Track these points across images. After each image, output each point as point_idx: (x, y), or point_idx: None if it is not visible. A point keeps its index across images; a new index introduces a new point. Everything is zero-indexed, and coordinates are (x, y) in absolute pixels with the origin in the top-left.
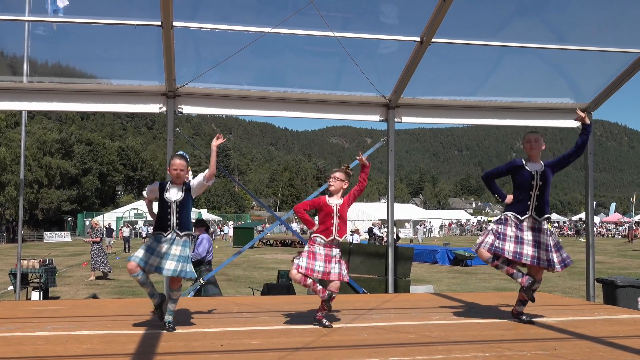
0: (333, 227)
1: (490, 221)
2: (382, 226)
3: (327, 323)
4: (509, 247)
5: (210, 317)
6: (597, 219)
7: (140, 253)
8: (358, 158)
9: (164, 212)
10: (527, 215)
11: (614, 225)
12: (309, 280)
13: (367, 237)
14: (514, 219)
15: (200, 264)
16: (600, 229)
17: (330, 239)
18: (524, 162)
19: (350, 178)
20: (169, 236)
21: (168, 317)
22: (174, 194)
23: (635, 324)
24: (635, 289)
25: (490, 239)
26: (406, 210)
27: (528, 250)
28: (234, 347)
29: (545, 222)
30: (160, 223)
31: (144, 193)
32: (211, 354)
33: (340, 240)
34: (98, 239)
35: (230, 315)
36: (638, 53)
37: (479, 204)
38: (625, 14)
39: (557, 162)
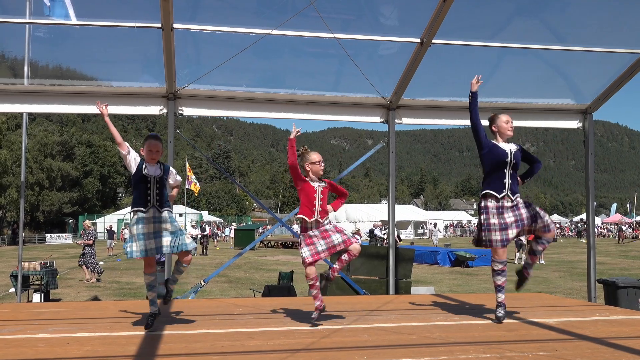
0: (316, 207)
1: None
2: (383, 227)
3: (315, 315)
4: (496, 236)
5: (210, 319)
6: (598, 220)
7: (136, 246)
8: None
9: (143, 188)
10: (504, 194)
11: (614, 226)
12: (318, 283)
13: (368, 238)
14: (495, 204)
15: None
16: (602, 230)
17: (312, 219)
18: (496, 142)
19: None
20: (150, 213)
21: (170, 287)
22: (152, 171)
23: (636, 324)
24: (637, 290)
25: (502, 234)
26: (407, 212)
27: (513, 232)
28: (234, 349)
29: (519, 199)
30: (140, 199)
31: (127, 148)
32: (212, 356)
33: (322, 221)
34: (91, 242)
35: (231, 317)
36: (638, 53)
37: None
38: (625, 15)
39: (526, 154)
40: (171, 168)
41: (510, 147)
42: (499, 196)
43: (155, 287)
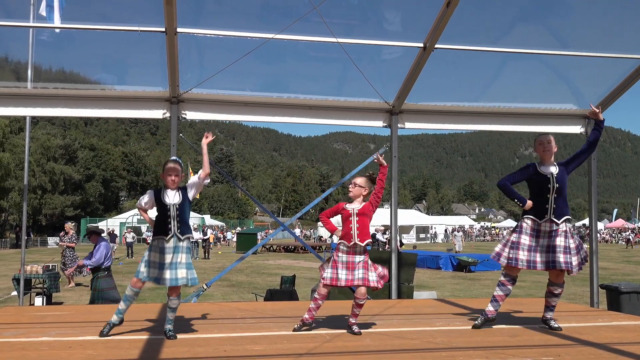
0: (352, 231)
1: (493, 227)
2: (386, 232)
3: (357, 330)
4: (523, 256)
5: (213, 323)
6: (600, 225)
7: (143, 269)
8: (375, 158)
9: (163, 216)
10: (545, 219)
11: (617, 231)
12: (320, 302)
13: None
14: (531, 225)
15: (97, 270)
16: (604, 235)
17: (351, 244)
18: (537, 166)
19: (374, 185)
20: (170, 242)
21: (168, 326)
22: (171, 197)
23: (639, 330)
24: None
25: (505, 250)
26: (409, 216)
27: (542, 257)
28: (237, 353)
29: (565, 223)
30: (161, 227)
31: (138, 204)
32: None
33: (363, 245)
34: (73, 244)
35: (233, 321)
36: None
37: (482, 209)
38: (628, 20)
39: (570, 160)
40: (187, 185)
41: (551, 170)
42: (539, 221)
43: (132, 301)
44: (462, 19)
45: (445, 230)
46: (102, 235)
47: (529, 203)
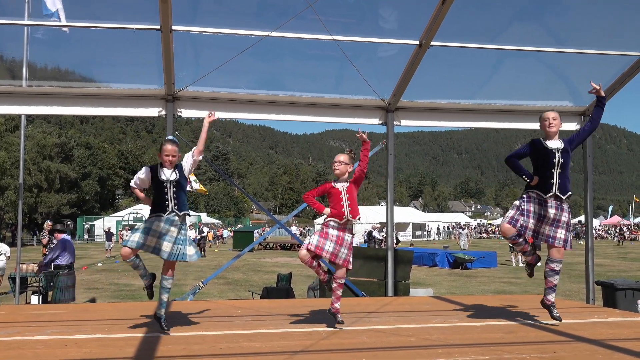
0: (344, 208)
1: (489, 224)
2: (382, 229)
3: (340, 319)
4: (531, 225)
5: (209, 321)
6: (596, 222)
7: (135, 237)
8: (358, 135)
9: (160, 194)
10: (551, 194)
11: (613, 228)
12: (315, 263)
13: (366, 239)
14: (536, 197)
15: (58, 267)
16: (600, 232)
17: (344, 221)
18: (542, 141)
19: (355, 162)
20: (168, 216)
21: (161, 311)
22: (168, 174)
23: (635, 326)
24: (635, 292)
25: (516, 214)
26: (406, 214)
27: (544, 230)
28: (233, 351)
29: (566, 203)
30: (158, 205)
31: (133, 183)
32: (211, 358)
33: (354, 221)
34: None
35: (229, 319)
36: (636, 56)
37: (479, 206)
38: (624, 18)
39: (574, 138)
40: (184, 159)
41: (557, 145)
42: (544, 196)
43: (139, 266)
44: (458, 16)
45: (438, 227)
46: (64, 231)
47: (536, 179)
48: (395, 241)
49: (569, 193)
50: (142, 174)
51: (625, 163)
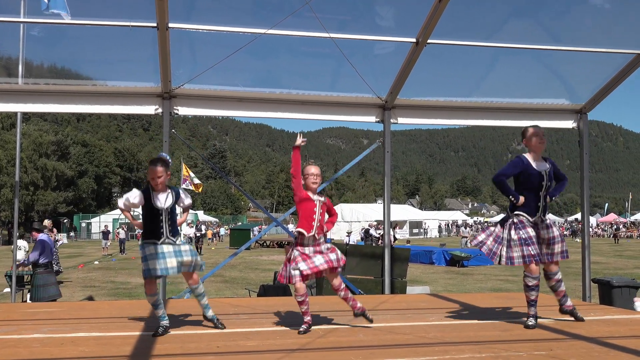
0: (314, 222)
1: (486, 222)
2: (379, 227)
3: (370, 316)
4: (533, 251)
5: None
6: (593, 220)
7: (149, 266)
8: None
9: (155, 220)
10: (536, 217)
11: (609, 226)
12: (308, 299)
13: (362, 237)
14: (526, 221)
15: (36, 266)
16: (596, 230)
17: (310, 235)
18: (529, 160)
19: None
20: (162, 245)
21: (209, 313)
22: (162, 201)
23: (631, 324)
24: (631, 290)
25: (532, 249)
26: (402, 211)
27: (542, 250)
28: (229, 349)
29: (549, 221)
30: (152, 231)
31: (122, 204)
32: (207, 356)
33: (318, 238)
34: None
35: (226, 317)
36: (633, 54)
37: (475, 204)
38: (620, 16)
39: (556, 171)
40: (181, 192)
41: (544, 167)
42: (531, 219)
43: (159, 306)
44: (454, 14)
45: (439, 225)
46: (43, 231)
47: (522, 199)
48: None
49: (548, 214)
50: (134, 198)
51: (621, 161)
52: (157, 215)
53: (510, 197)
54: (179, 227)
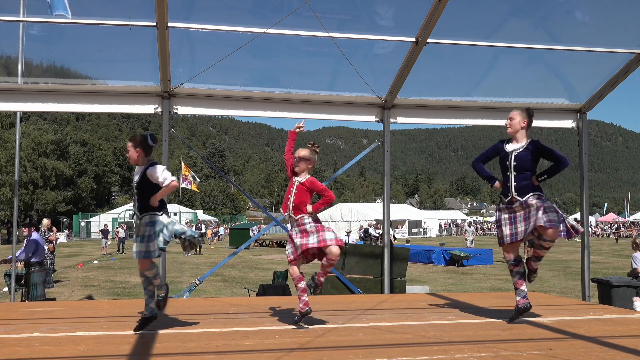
0: (289, 202)
1: (485, 221)
2: (378, 226)
3: (297, 318)
4: (506, 231)
5: (205, 318)
6: (592, 219)
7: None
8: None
9: (132, 193)
10: (509, 197)
11: (608, 225)
12: (301, 284)
13: (362, 237)
14: (504, 203)
15: (31, 265)
16: (596, 229)
17: (287, 215)
18: (504, 143)
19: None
20: (135, 219)
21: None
22: (135, 176)
23: (630, 323)
24: (630, 289)
25: (503, 230)
26: (402, 211)
27: (521, 227)
28: (229, 348)
29: (534, 199)
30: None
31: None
32: (206, 355)
33: (295, 218)
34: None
35: (225, 316)
36: (632, 53)
37: (475, 204)
38: (620, 15)
39: (544, 151)
40: (151, 168)
41: (514, 147)
42: (505, 200)
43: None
44: (454, 14)
45: (440, 225)
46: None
47: (497, 183)
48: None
49: (530, 194)
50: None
51: (620, 160)
52: (132, 188)
53: (485, 179)
54: (151, 203)
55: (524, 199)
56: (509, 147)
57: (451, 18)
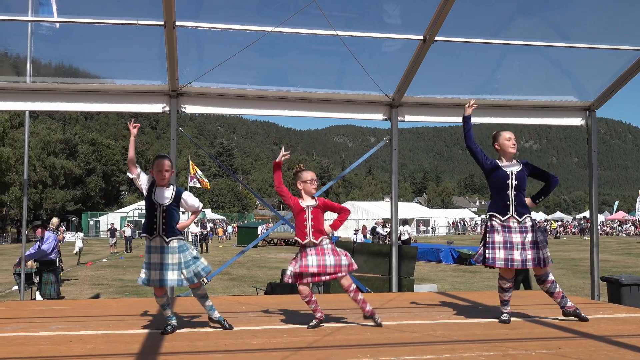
0: (307, 229)
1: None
2: (386, 225)
3: (379, 320)
4: (499, 255)
5: None
6: (601, 217)
7: (142, 273)
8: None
9: (150, 215)
10: (508, 216)
11: (618, 224)
12: (314, 297)
13: (366, 235)
14: (499, 222)
15: (51, 263)
16: (605, 227)
17: (306, 241)
18: (499, 163)
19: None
20: (155, 242)
21: (214, 314)
22: (161, 197)
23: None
24: None
25: (481, 250)
26: (410, 209)
27: (517, 255)
28: (237, 347)
29: (528, 220)
30: (147, 225)
31: (138, 175)
32: (215, 354)
33: (317, 242)
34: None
35: (233, 315)
36: None
37: (483, 202)
38: (629, 11)
39: (538, 172)
40: (185, 194)
41: (512, 168)
42: (502, 218)
43: (167, 307)
44: (461, 11)
45: (448, 223)
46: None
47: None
48: (406, 238)
49: (526, 215)
50: (145, 179)
51: (630, 158)
52: (153, 210)
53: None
54: (178, 228)
55: (522, 218)
56: (506, 167)
57: (459, 16)
